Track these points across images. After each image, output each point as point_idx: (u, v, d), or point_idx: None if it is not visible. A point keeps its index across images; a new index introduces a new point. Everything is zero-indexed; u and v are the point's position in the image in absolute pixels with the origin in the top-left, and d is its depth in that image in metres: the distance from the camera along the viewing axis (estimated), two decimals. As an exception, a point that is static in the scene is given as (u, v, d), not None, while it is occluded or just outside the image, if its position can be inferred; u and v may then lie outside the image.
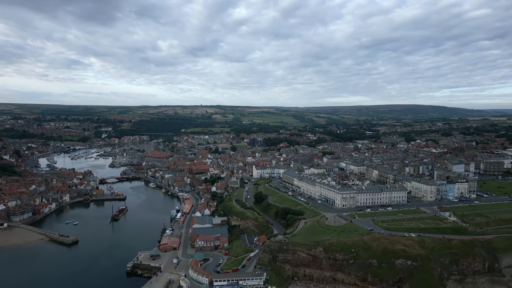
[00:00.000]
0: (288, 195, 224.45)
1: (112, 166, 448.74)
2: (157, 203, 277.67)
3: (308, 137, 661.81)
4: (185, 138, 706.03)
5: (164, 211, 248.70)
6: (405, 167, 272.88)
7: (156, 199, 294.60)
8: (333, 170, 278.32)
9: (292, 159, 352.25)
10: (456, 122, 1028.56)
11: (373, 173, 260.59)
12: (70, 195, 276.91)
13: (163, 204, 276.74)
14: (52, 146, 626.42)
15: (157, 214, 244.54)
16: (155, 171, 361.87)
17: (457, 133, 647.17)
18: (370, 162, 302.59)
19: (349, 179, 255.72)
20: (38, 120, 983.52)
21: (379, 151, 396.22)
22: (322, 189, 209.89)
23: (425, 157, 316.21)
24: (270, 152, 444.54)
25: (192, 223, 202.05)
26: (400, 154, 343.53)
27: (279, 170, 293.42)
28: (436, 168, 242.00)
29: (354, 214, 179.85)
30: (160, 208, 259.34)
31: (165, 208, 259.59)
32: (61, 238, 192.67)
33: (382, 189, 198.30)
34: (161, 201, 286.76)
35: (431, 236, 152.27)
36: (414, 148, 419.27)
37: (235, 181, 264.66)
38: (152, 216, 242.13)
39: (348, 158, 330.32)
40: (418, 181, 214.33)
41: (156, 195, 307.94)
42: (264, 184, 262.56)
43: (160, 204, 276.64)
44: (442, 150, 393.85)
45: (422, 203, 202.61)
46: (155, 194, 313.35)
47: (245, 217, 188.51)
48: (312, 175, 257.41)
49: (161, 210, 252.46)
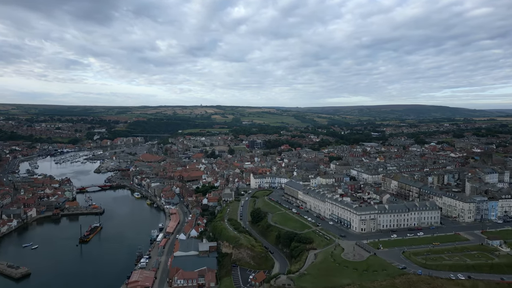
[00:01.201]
0: (291, 213, 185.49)
1: (98, 172, 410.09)
2: (139, 218, 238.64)
3: (310, 139, 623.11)
4: (181, 139, 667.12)
5: (145, 228, 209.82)
6: (427, 177, 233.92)
7: (138, 212, 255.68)
8: (343, 181, 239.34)
9: (295, 165, 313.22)
10: (462, 122, 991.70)
11: (391, 184, 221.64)
12: (38, 209, 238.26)
13: (146, 219, 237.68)
14: (38, 148, 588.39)
15: (136, 233, 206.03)
16: (142, 178, 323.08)
17: (469, 135, 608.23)
18: (385, 170, 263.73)
19: (364, 191, 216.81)
20: (30, 121, 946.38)
21: (391, 155, 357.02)
22: (334, 207, 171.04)
23: (448, 164, 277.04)
24: (270, 156, 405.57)
25: (174, 249, 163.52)
26: (417, 160, 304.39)
27: (280, 179, 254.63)
28: (468, 179, 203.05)
29: (377, 242, 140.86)
30: (141, 225, 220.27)
31: (147, 224, 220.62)
32: (8, 270, 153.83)
33: (409, 208, 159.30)
34: (144, 216, 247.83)
35: (486, 279, 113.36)
36: (429, 152, 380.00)
37: (229, 193, 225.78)
38: (129, 236, 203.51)
39: (359, 164, 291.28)
40: (451, 197, 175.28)
41: (139, 208, 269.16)
42: (263, 197, 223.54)
43: (142, 219, 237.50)
44: (461, 154, 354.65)
45: (458, 225, 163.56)
46: (139, 206, 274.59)
47: (238, 245, 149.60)
48: (320, 187, 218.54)
49: (142, 228, 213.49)
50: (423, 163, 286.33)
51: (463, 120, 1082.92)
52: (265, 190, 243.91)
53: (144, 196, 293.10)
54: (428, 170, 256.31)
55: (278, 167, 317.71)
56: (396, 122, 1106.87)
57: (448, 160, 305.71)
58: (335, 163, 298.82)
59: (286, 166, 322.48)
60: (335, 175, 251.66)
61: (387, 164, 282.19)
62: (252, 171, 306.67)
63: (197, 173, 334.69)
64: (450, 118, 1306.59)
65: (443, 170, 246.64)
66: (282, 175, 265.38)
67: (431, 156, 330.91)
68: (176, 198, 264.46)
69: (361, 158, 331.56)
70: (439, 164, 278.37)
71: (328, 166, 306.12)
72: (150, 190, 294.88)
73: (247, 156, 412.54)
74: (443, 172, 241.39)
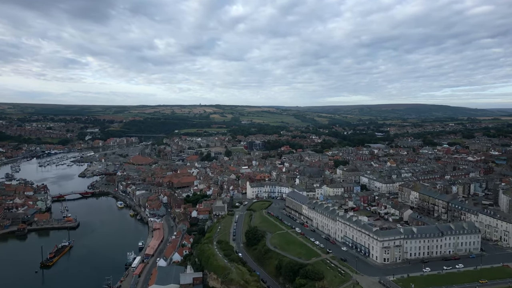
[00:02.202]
0: (295, 233, 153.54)
1: (83, 176, 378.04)
2: (118, 234, 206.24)
3: (312, 140, 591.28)
4: (176, 140, 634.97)
5: (123, 248, 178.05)
6: (451, 186, 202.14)
7: (119, 226, 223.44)
8: (354, 190, 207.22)
9: (297, 171, 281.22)
10: (467, 122, 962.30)
11: (410, 195, 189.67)
12: (1, 223, 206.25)
13: (125, 235, 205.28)
14: (25, 150, 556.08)
15: (111, 254, 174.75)
16: (127, 184, 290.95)
17: (480, 135, 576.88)
18: (400, 177, 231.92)
19: (379, 204, 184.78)
20: (22, 120, 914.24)
21: (403, 159, 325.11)
22: (347, 228, 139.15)
23: (470, 169, 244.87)
24: (269, 160, 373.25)
25: (150, 281, 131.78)
26: (433, 165, 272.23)
27: (281, 187, 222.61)
28: (504, 191, 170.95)
29: (407, 280, 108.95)
30: (119, 243, 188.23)
31: (125, 242, 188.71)
32: None
33: (443, 232, 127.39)
34: (125, 230, 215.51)
35: None
36: (444, 155, 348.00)
37: (221, 206, 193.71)
38: (103, 257, 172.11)
39: (369, 170, 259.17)
40: (491, 215, 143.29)
41: (121, 220, 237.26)
42: (261, 210, 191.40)
43: (121, 235, 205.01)
44: (479, 157, 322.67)
45: (503, 252, 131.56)
46: (120, 217, 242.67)
47: (228, 280, 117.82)
48: (327, 199, 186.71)
49: (119, 247, 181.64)
50: (441, 169, 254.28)
51: (467, 120, 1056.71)
52: (263, 201, 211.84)
53: (128, 206, 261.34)
54: (451, 178, 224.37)
55: (278, 172, 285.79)
56: (398, 122, 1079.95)
57: (467, 164, 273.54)
58: (342, 169, 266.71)
59: (287, 171, 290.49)
60: (343, 183, 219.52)
61: (401, 170, 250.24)
62: (249, 177, 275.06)
63: (189, 178, 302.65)
64: (453, 117, 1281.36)
65: (468, 178, 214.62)
66: (283, 183, 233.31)
67: (449, 161, 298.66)
68: (162, 209, 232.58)
69: (370, 163, 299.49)
70: (461, 170, 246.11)
71: (334, 172, 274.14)
72: (134, 198, 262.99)
73: (245, 160, 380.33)
74: (469, 181, 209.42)
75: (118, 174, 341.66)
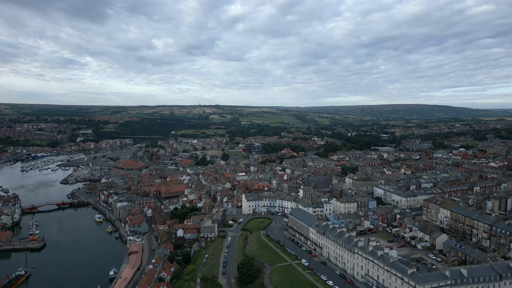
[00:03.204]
0: (301, 267, 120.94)
1: (65, 182, 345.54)
2: (89, 258, 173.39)
3: (314, 141, 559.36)
4: (171, 142, 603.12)
5: (91, 279, 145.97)
6: (485, 201, 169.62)
7: (92, 246, 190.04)
8: (369, 206, 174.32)
9: (301, 180, 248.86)
10: (473, 122, 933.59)
11: (439, 213, 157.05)
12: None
13: (99, 259, 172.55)
14: (10, 152, 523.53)
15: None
16: (109, 194, 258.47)
17: (492, 137, 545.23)
18: (422, 189, 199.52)
19: (402, 225, 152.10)
20: (14, 121, 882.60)
21: (417, 165, 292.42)
22: (370, 264, 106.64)
23: (501, 179, 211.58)
24: (269, 165, 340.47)
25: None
26: (456, 173, 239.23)
27: (282, 201, 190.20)
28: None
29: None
30: (87, 272, 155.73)
31: (95, 270, 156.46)
32: None
33: (501, 274, 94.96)
34: (98, 253, 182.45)
35: None
36: (461, 160, 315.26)
37: (210, 226, 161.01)
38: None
39: (383, 179, 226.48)
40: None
41: (97, 238, 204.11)
42: (259, 231, 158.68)
43: (93, 259, 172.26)
44: (502, 163, 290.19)
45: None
46: (97, 235, 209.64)
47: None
48: (340, 220, 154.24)
49: (86, 278, 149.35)
50: (466, 178, 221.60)
51: (472, 120, 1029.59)
52: (261, 218, 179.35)
53: (107, 219, 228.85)
54: (481, 190, 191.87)
55: (279, 180, 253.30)
56: (402, 123, 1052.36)
57: (494, 172, 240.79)
58: (351, 177, 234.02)
59: (289, 179, 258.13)
60: (356, 197, 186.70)
61: (421, 180, 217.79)
62: (246, 186, 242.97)
63: (179, 187, 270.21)
64: (455, 118, 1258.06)
65: (504, 191, 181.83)
66: (284, 196, 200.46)
67: (471, 168, 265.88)
68: (144, 226, 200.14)
69: (382, 169, 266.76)
70: (490, 180, 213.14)
71: (343, 181, 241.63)
72: (115, 211, 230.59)
73: (242, 165, 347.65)
74: (505, 194, 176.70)
75: (102, 181, 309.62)
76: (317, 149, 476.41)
